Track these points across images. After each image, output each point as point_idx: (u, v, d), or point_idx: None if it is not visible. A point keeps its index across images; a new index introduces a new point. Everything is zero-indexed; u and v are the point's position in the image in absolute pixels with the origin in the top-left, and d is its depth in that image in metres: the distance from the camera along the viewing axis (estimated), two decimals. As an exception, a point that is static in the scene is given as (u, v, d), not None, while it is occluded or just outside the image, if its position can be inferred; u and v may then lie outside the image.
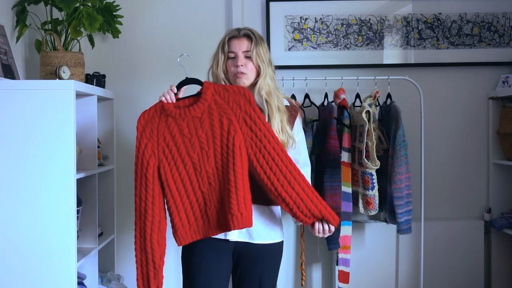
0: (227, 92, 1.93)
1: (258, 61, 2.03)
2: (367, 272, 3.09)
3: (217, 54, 2.08)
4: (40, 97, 2.23)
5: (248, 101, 1.91)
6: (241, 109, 1.90)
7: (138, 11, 3.18)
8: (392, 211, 2.85)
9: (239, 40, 2.04)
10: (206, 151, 1.88)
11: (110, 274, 2.93)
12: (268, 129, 1.91)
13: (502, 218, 3.11)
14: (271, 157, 1.88)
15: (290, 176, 1.89)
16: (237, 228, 1.85)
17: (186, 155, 1.88)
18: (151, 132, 1.92)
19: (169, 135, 1.90)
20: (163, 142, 1.90)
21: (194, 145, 1.88)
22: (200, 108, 1.90)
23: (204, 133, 1.89)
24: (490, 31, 3.20)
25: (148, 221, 1.91)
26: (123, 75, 3.19)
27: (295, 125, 2.13)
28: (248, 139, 1.89)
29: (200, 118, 1.90)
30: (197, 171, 1.88)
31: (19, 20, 2.64)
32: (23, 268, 2.22)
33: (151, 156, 1.90)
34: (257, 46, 2.03)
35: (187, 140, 1.89)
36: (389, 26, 3.19)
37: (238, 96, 1.91)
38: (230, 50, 2.04)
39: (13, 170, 2.22)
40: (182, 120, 1.90)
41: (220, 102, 1.91)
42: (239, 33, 2.05)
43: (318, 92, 3.08)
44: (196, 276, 2.02)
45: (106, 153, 3.00)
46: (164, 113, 1.92)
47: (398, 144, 2.80)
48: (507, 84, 3.10)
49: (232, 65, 2.04)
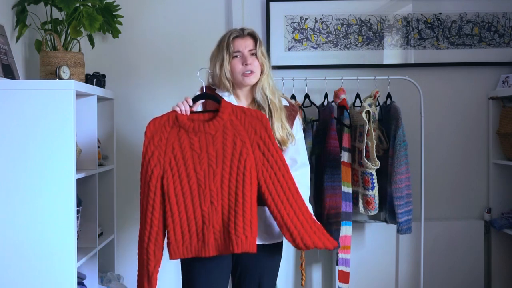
0: (244, 114, 1.92)
1: (262, 60, 2.04)
2: (367, 272, 3.09)
3: (219, 55, 2.05)
4: (40, 97, 2.23)
5: (264, 126, 1.91)
6: (256, 133, 1.89)
7: (138, 11, 3.18)
8: (392, 211, 2.85)
9: (244, 39, 2.04)
10: (214, 169, 1.86)
11: (110, 274, 2.93)
12: (280, 156, 1.91)
13: (502, 218, 3.11)
14: (280, 184, 1.89)
15: (296, 206, 1.90)
16: (239, 251, 1.83)
17: (192, 170, 1.86)
18: (159, 140, 1.88)
19: (178, 147, 1.87)
20: (171, 152, 1.87)
21: (202, 161, 1.86)
22: (216, 125, 1.88)
23: (214, 150, 1.87)
24: (490, 31, 3.20)
25: (147, 230, 1.90)
26: (123, 75, 3.19)
27: (294, 125, 2.13)
28: (260, 164, 1.88)
29: (214, 135, 1.88)
30: (201, 188, 1.85)
31: (19, 20, 2.65)
32: (23, 268, 2.22)
33: (156, 165, 1.86)
34: (261, 45, 2.05)
35: (196, 155, 1.86)
36: (389, 26, 3.19)
37: (255, 121, 1.91)
38: (236, 50, 2.02)
39: (13, 170, 2.22)
40: (195, 135, 1.88)
41: (236, 123, 1.90)
42: (242, 32, 2.05)
43: (318, 92, 3.07)
44: (196, 277, 2.01)
45: (106, 153, 3.00)
46: (177, 124, 1.89)
47: (398, 144, 2.80)
48: (507, 84, 3.10)
49: (238, 64, 2.02)
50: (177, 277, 3.11)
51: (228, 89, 2.05)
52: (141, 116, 3.16)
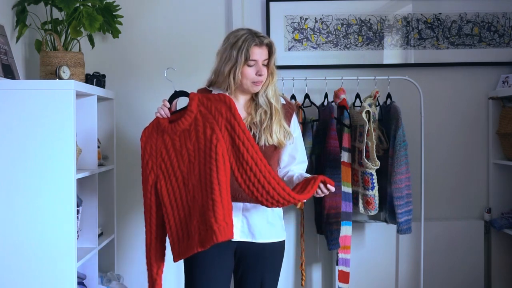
0: (209, 101, 1.91)
1: (272, 70, 2.06)
2: (367, 272, 3.09)
3: (232, 55, 2.00)
4: (40, 97, 2.23)
5: (229, 107, 1.88)
6: (222, 117, 1.87)
7: (138, 11, 3.18)
8: (392, 211, 2.86)
9: (262, 49, 2.02)
10: (193, 163, 1.87)
11: (110, 274, 2.93)
12: (248, 137, 1.87)
13: (502, 218, 3.10)
14: (248, 166, 1.84)
15: (269, 187, 1.84)
16: (221, 239, 1.76)
17: (178, 169, 1.89)
18: (151, 148, 1.93)
19: (165, 151, 1.91)
20: (160, 157, 1.91)
21: (184, 158, 1.89)
22: (188, 120, 1.90)
23: (192, 145, 1.88)
24: (490, 31, 3.20)
25: (148, 236, 1.95)
26: (123, 75, 3.19)
27: (291, 122, 2.14)
28: (230, 147, 1.86)
29: (189, 130, 1.89)
30: (186, 185, 1.88)
31: (19, 20, 2.65)
32: (23, 268, 2.22)
33: (151, 173, 1.92)
34: (273, 55, 2.06)
35: (178, 153, 1.89)
36: (389, 26, 3.19)
37: (220, 104, 1.89)
38: (253, 58, 2.00)
39: (13, 170, 2.22)
40: (175, 134, 1.91)
41: (205, 112, 1.89)
42: (260, 41, 2.01)
43: (318, 92, 3.08)
44: (198, 275, 2.02)
45: (106, 153, 3.00)
46: (161, 129, 1.93)
47: (398, 144, 2.80)
48: (507, 84, 3.10)
49: (252, 72, 2.01)
50: (178, 277, 3.12)
51: (229, 89, 2.05)
52: (141, 116, 3.16)
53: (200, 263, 2.01)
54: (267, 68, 2.05)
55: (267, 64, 2.05)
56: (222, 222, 1.77)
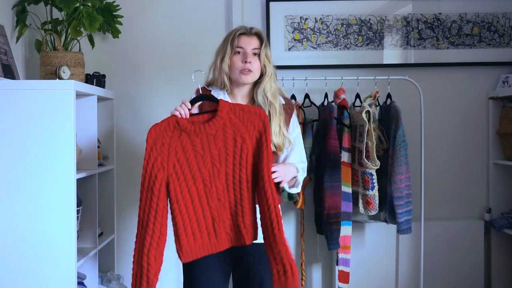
0: (243, 111, 1.92)
1: (265, 62, 2.04)
2: (367, 272, 3.09)
3: (223, 48, 2.07)
4: (40, 97, 2.23)
5: (262, 120, 1.91)
6: (254, 128, 1.91)
7: (138, 11, 3.18)
8: (392, 211, 2.86)
9: (250, 38, 2.05)
10: (218, 167, 1.88)
11: (110, 274, 2.93)
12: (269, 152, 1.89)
13: (502, 218, 3.11)
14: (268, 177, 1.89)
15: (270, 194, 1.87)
16: (249, 242, 1.90)
17: (197, 171, 1.88)
18: (162, 146, 1.88)
19: (181, 150, 1.88)
20: (174, 157, 1.88)
21: (206, 161, 1.88)
22: (215, 125, 1.89)
23: (217, 150, 1.89)
24: (490, 31, 3.20)
25: (149, 235, 1.88)
26: (123, 75, 3.19)
27: (291, 122, 2.14)
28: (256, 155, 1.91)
29: (214, 135, 1.89)
30: (207, 187, 1.88)
31: (19, 20, 2.65)
32: (23, 268, 2.22)
33: (160, 170, 1.86)
34: (266, 47, 2.06)
35: (199, 156, 1.89)
36: (389, 26, 3.19)
37: (253, 116, 1.91)
38: (239, 46, 2.03)
39: (13, 170, 2.22)
40: (196, 136, 1.89)
41: (235, 120, 1.91)
42: (250, 31, 2.06)
43: (318, 92, 3.08)
44: (196, 277, 2.03)
45: (106, 153, 3.00)
46: (178, 128, 1.90)
47: (398, 144, 2.80)
48: (507, 84, 3.10)
49: (238, 60, 2.03)
50: (178, 278, 3.12)
51: (225, 86, 2.06)
52: (141, 116, 3.16)
53: (199, 265, 2.01)
54: (259, 59, 2.04)
55: (259, 55, 2.04)
56: (250, 227, 1.89)
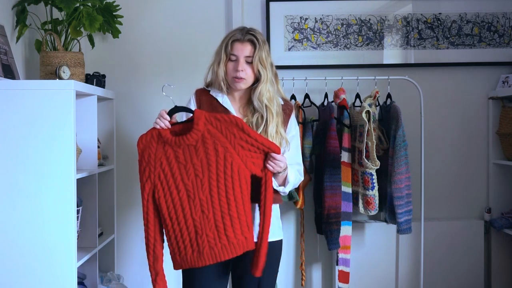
0: (218, 121, 1.92)
1: (258, 67, 2.02)
2: (367, 272, 3.09)
3: (219, 52, 2.06)
4: (40, 97, 2.23)
5: (241, 129, 1.91)
6: (235, 137, 1.91)
7: (138, 11, 3.18)
8: (392, 211, 2.85)
9: (243, 45, 2.03)
10: (201, 178, 1.89)
11: (110, 274, 2.93)
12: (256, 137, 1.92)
13: (502, 218, 3.10)
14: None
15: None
16: (241, 252, 1.88)
17: (181, 182, 1.90)
18: (149, 156, 1.94)
19: (166, 161, 1.92)
20: (159, 167, 1.92)
21: (189, 172, 1.90)
22: (194, 137, 1.90)
23: (199, 160, 1.90)
24: (490, 31, 3.20)
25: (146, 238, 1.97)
26: (123, 75, 3.19)
27: (290, 122, 2.14)
28: (249, 160, 1.91)
29: (195, 146, 1.90)
30: (190, 198, 1.89)
31: (19, 20, 2.65)
32: (23, 268, 2.22)
33: (147, 180, 1.92)
34: (259, 51, 2.02)
35: (182, 167, 1.90)
36: (389, 26, 3.19)
37: (231, 126, 1.91)
38: (232, 53, 2.03)
39: (13, 170, 2.22)
40: (178, 147, 1.92)
41: (213, 131, 1.91)
42: (243, 37, 2.03)
43: (318, 92, 3.08)
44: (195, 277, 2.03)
45: (106, 153, 3.00)
46: (161, 140, 1.93)
47: (398, 144, 2.80)
48: (507, 84, 3.10)
49: (232, 68, 2.03)
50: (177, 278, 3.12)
51: (222, 88, 2.07)
52: (141, 116, 3.16)
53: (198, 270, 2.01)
54: (251, 66, 2.03)
55: (252, 62, 2.02)
56: (241, 237, 1.88)
